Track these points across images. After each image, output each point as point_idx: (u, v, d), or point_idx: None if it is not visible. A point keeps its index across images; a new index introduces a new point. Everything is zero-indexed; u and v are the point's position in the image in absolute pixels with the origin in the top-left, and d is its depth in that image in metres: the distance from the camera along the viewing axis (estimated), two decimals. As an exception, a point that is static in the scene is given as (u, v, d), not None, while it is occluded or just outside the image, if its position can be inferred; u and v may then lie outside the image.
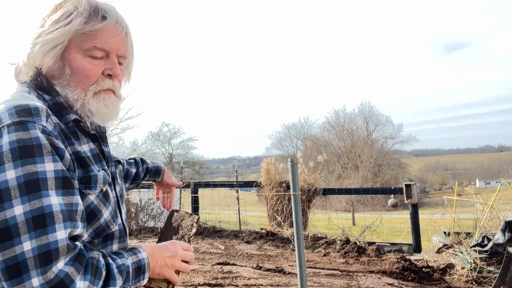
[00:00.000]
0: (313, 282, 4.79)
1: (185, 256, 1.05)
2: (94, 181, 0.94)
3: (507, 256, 4.37)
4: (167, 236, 1.13)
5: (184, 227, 1.15)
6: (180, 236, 1.13)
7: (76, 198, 0.84)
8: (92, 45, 0.94)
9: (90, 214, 0.93)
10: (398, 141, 45.35)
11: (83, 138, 0.99)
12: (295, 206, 3.20)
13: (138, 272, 0.93)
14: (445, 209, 7.61)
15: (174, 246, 1.04)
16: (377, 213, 9.81)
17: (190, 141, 38.33)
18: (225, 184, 10.17)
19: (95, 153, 1.01)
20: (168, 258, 1.01)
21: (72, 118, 0.95)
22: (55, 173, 0.81)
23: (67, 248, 0.76)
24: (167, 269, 1.01)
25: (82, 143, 0.98)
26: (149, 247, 1.00)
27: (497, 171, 62.24)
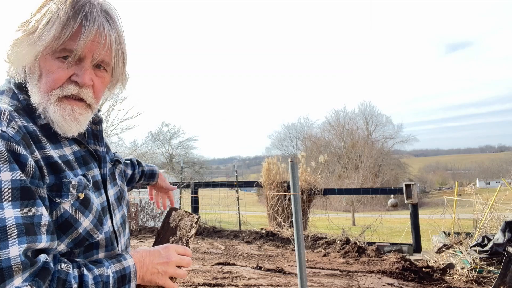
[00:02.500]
0: (313, 282, 4.79)
1: (180, 261, 0.99)
2: (66, 189, 0.86)
3: (507, 256, 4.37)
4: (163, 237, 1.06)
5: (182, 228, 1.07)
6: (178, 238, 1.06)
7: (39, 210, 0.76)
8: (62, 47, 0.86)
9: (65, 224, 0.85)
10: (398, 141, 45.42)
11: (64, 141, 0.93)
12: (295, 206, 3.20)
13: (121, 281, 0.88)
14: (445, 209, 7.61)
15: (167, 252, 0.98)
16: (377, 213, 9.81)
17: (190, 141, 38.36)
18: (225, 184, 10.17)
19: (78, 156, 0.95)
20: (160, 265, 0.95)
21: (42, 123, 0.88)
22: (12, 183, 0.74)
23: (21, 265, 0.70)
24: (159, 276, 0.96)
25: (63, 145, 0.92)
26: (138, 253, 0.95)
27: (497, 171, 62.20)
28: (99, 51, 0.89)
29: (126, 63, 1.00)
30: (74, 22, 0.85)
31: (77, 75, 0.89)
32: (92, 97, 0.93)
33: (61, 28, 0.84)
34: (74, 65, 0.89)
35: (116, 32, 0.92)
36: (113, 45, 0.91)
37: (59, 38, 0.84)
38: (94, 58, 0.90)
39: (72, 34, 0.85)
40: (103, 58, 0.91)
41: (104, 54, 0.90)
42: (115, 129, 13.49)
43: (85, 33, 0.85)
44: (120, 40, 0.94)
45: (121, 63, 0.97)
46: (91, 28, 0.86)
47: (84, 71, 0.89)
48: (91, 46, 0.88)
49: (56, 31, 0.84)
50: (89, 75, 0.90)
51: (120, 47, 0.95)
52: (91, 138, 1.06)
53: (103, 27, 0.88)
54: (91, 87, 0.92)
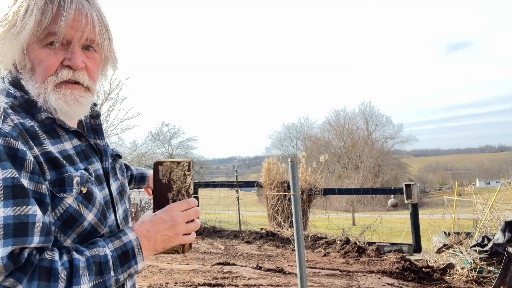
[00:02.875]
0: (313, 282, 4.79)
1: (187, 216, 0.96)
2: (69, 183, 0.84)
3: (507, 256, 4.37)
4: (161, 197, 0.98)
5: (176, 180, 0.98)
6: (176, 192, 0.98)
7: (33, 209, 0.74)
8: (46, 32, 0.84)
9: (70, 219, 0.85)
10: (398, 141, 45.43)
11: (65, 135, 0.92)
12: (295, 206, 3.20)
13: (124, 258, 0.84)
14: (445, 209, 7.61)
15: (170, 214, 0.93)
16: (377, 213, 9.81)
17: (190, 141, 38.36)
18: (225, 184, 10.17)
19: (79, 150, 0.94)
20: (168, 230, 0.92)
21: (43, 117, 0.88)
22: (3, 181, 0.72)
23: (3, 268, 0.68)
24: (172, 240, 0.93)
25: (63, 140, 0.91)
26: (141, 226, 0.91)
27: (497, 171, 62.18)
28: (82, 29, 0.87)
29: (112, 40, 0.99)
30: (52, 5, 0.84)
31: (68, 59, 0.88)
32: (88, 79, 0.92)
33: (41, 13, 0.83)
34: (63, 50, 0.88)
35: (96, 9, 0.91)
36: (95, 22, 0.89)
37: (41, 23, 0.83)
38: (80, 38, 0.88)
39: (53, 17, 0.84)
40: (89, 36, 0.89)
41: (89, 32, 0.89)
42: (115, 129, 13.50)
43: (64, 14, 0.84)
44: (101, 17, 0.92)
45: (107, 40, 0.95)
46: (70, 8, 0.85)
47: (74, 53, 0.88)
48: (74, 25, 0.86)
49: (36, 17, 0.83)
50: (80, 57, 0.89)
51: (103, 24, 0.93)
52: (90, 132, 1.05)
53: (82, 5, 0.87)
54: (85, 69, 0.91)
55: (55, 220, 0.83)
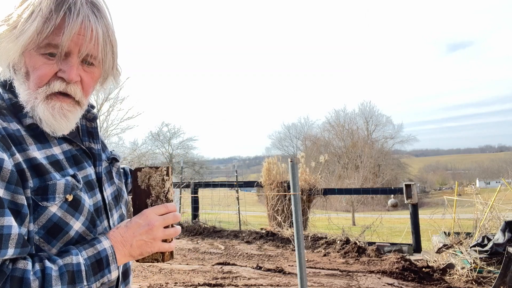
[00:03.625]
0: (313, 282, 4.79)
1: (165, 221, 0.91)
2: (52, 191, 0.81)
3: (507, 256, 4.37)
4: (140, 203, 0.95)
5: (155, 186, 0.96)
6: (155, 198, 0.95)
7: (8, 220, 0.72)
8: (46, 42, 0.81)
9: (54, 228, 0.81)
10: (398, 141, 45.44)
11: (53, 140, 0.89)
12: (295, 206, 3.20)
13: (98, 266, 0.81)
14: (445, 209, 7.61)
15: (146, 218, 0.89)
16: (377, 213, 9.81)
17: (190, 141, 38.37)
18: (225, 184, 10.18)
19: (69, 155, 0.91)
20: (144, 235, 0.87)
21: (27, 123, 0.85)
22: None
23: None
24: (149, 245, 0.89)
25: (52, 144, 0.88)
26: (116, 232, 0.87)
27: (497, 171, 62.22)
28: (85, 44, 0.84)
29: (116, 56, 0.95)
30: (57, 15, 0.81)
31: (63, 71, 0.85)
32: (81, 93, 0.89)
33: (43, 21, 0.80)
34: (60, 60, 0.85)
35: (103, 24, 0.87)
36: (100, 38, 0.86)
37: (42, 32, 0.80)
38: (81, 53, 0.85)
39: (55, 28, 0.81)
40: (90, 52, 0.86)
41: (91, 48, 0.86)
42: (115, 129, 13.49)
43: (69, 26, 0.81)
44: (108, 33, 0.89)
45: (110, 56, 0.92)
46: (75, 21, 0.82)
47: (70, 66, 0.85)
48: (77, 39, 0.83)
49: (38, 25, 0.80)
50: (76, 71, 0.86)
51: (109, 40, 0.89)
52: (85, 135, 1.02)
53: (89, 19, 0.84)
54: (80, 82, 0.89)
55: (39, 229, 0.80)
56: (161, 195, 0.95)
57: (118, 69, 1.01)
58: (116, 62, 0.97)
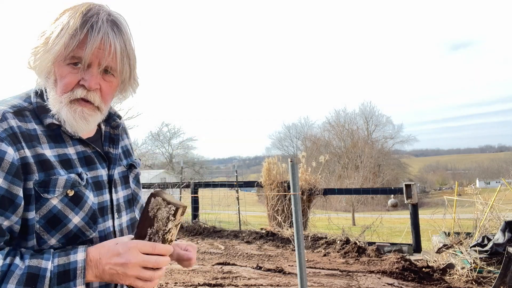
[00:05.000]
0: (313, 282, 4.79)
1: (144, 262, 0.87)
2: (53, 185, 0.91)
3: (507, 256, 4.37)
4: (142, 229, 0.92)
5: (159, 219, 0.91)
6: (155, 231, 0.91)
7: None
8: (72, 55, 0.95)
9: (54, 219, 0.91)
10: (398, 141, 45.50)
11: (69, 141, 1.01)
12: (295, 206, 3.20)
13: (64, 276, 0.83)
14: (445, 209, 7.61)
15: (127, 252, 0.87)
16: (377, 213, 9.81)
17: (190, 141, 38.42)
18: (225, 184, 10.17)
19: (82, 156, 1.01)
20: (118, 266, 0.86)
21: (47, 122, 0.97)
22: None
23: None
24: (120, 277, 0.87)
25: (67, 145, 0.99)
26: (97, 250, 0.88)
27: (497, 171, 62.23)
28: (105, 58, 0.96)
29: (133, 68, 1.06)
30: (81, 32, 0.93)
31: (84, 80, 0.97)
32: (99, 99, 1.01)
33: (70, 37, 0.93)
34: (83, 70, 0.97)
35: (121, 40, 0.99)
36: (117, 52, 0.97)
37: (68, 46, 0.93)
38: (101, 64, 0.97)
39: (79, 43, 0.93)
40: (109, 64, 0.98)
41: (110, 61, 0.97)
42: (115, 129, 13.53)
43: (90, 42, 0.93)
44: (126, 48, 1.00)
45: (127, 68, 1.02)
46: (96, 37, 0.94)
47: (91, 76, 0.97)
48: (97, 53, 0.95)
49: (65, 40, 0.92)
50: (95, 80, 0.97)
51: (126, 54, 1.00)
52: (107, 141, 1.14)
53: (108, 36, 0.95)
54: (99, 90, 1.00)
55: (40, 218, 0.89)
56: (160, 232, 0.91)
57: (136, 79, 1.11)
58: (134, 73, 1.08)
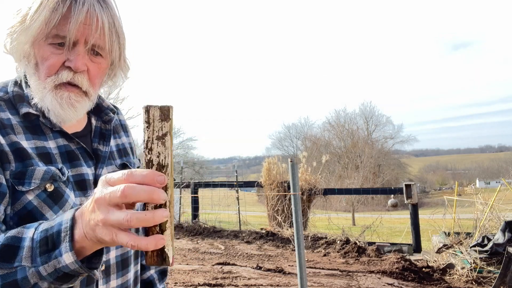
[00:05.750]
0: (313, 282, 4.79)
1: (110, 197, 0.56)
2: (29, 176, 0.79)
3: (507, 256, 4.37)
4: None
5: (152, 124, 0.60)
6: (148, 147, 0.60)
7: None
8: (54, 32, 0.83)
9: (28, 217, 0.77)
10: (398, 141, 45.48)
11: (50, 133, 0.89)
12: (295, 206, 3.20)
13: (46, 243, 0.62)
14: (445, 209, 7.61)
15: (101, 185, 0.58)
16: (377, 213, 9.81)
17: (190, 141, 38.39)
18: (225, 184, 10.18)
19: (63, 150, 0.89)
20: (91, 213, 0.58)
21: (23, 112, 0.86)
22: None
23: None
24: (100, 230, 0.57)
25: (47, 138, 0.88)
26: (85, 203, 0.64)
27: (497, 171, 62.26)
28: (91, 34, 0.84)
29: (123, 48, 0.94)
30: (64, 5, 0.82)
31: (70, 60, 0.85)
32: (87, 83, 0.89)
33: (50, 12, 0.82)
34: (68, 50, 0.85)
35: (109, 15, 0.87)
36: (105, 28, 0.86)
37: (49, 22, 0.82)
38: (87, 42, 0.85)
39: (62, 18, 0.82)
40: (96, 42, 0.86)
41: (97, 37, 0.86)
42: (115, 129, 13.57)
43: (74, 16, 0.82)
44: (114, 23, 0.89)
45: (117, 47, 0.91)
46: (81, 10, 0.82)
47: (77, 55, 0.85)
48: (83, 29, 0.84)
49: (45, 16, 0.81)
50: (82, 60, 0.86)
51: (115, 30, 0.89)
52: (97, 136, 1.00)
53: (94, 8, 0.84)
54: (86, 73, 0.88)
55: (13, 214, 0.78)
56: (152, 139, 0.59)
57: (127, 62, 0.99)
58: (124, 54, 0.96)
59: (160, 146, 0.59)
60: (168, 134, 0.59)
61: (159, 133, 0.59)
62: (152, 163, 0.59)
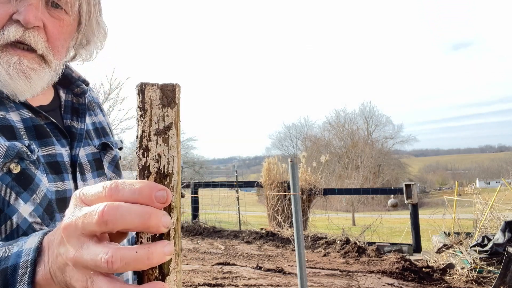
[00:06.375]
0: (313, 282, 4.79)
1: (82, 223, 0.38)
2: None
3: (507, 256, 4.37)
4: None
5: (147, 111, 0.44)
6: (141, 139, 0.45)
7: None
8: None
9: None
10: (398, 141, 45.49)
11: (10, 104, 0.68)
12: (295, 206, 3.21)
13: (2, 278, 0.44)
14: (445, 209, 7.62)
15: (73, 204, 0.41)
16: (377, 213, 9.82)
17: (190, 141, 38.38)
18: (225, 184, 10.19)
19: (30, 124, 0.69)
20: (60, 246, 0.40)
21: None
22: None
23: None
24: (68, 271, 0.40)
25: (8, 108, 0.67)
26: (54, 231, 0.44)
27: (497, 171, 62.31)
28: None
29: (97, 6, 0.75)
30: None
31: (19, 13, 0.64)
32: (44, 44, 0.68)
33: None
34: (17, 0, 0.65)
35: None
36: None
37: None
38: None
39: None
40: None
41: None
42: (115, 129, 13.55)
43: None
44: None
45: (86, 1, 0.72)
46: None
47: (28, 5, 0.64)
48: None
49: None
50: (34, 11, 0.65)
51: None
52: (68, 112, 0.81)
53: None
54: (43, 30, 0.67)
55: None
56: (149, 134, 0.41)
57: (101, 25, 0.78)
58: (96, 12, 0.75)
59: (161, 145, 0.40)
60: (173, 126, 0.42)
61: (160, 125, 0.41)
62: (149, 171, 0.39)
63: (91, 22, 0.75)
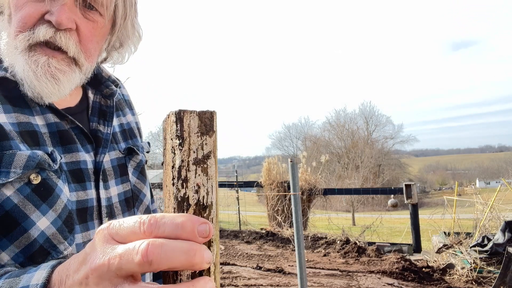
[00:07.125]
0: (313, 282, 4.79)
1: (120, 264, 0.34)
2: (7, 164, 0.56)
3: (507, 256, 4.37)
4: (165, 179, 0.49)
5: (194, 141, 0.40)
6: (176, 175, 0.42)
7: None
8: None
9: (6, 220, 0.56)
10: (398, 141, 45.51)
11: (35, 107, 0.66)
12: (295, 206, 3.21)
13: None
14: (445, 209, 7.62)
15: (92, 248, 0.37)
16: (377, 213, 9.82)
17: (190, 141, 38.44)
18: (225, 184, 10.19)
19: (55, 130, 0.67)
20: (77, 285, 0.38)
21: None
22: None
23: None
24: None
25: (34, 112, 0.65)
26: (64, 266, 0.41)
27: (497, 171, 62.32)
28: None
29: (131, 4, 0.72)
30: None
31: (51, 13, 0.62)
32: (75, 46, 0.65)
33: None
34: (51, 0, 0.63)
35: None
36: None
37: None
38: None
39: None
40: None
41: None
42: (115, 129, 13.63)
43: None
44: None
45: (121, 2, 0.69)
46: None
47: (61, 6, 0.62)
48: None
49: None
50: (67, 14, 0.62)
51: None
52: (95, 115, 0.78)
53: None
54: (75, 32, 0.65)
55: None
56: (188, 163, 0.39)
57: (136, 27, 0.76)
58: (132, 14, 0.73)
59: (199, 175, 0.38)
60: (212, 155, 0.40)
61: (198, 154, 0.39)
62: (188, 203, 0.38)
63: (126, 24, 0.74)
